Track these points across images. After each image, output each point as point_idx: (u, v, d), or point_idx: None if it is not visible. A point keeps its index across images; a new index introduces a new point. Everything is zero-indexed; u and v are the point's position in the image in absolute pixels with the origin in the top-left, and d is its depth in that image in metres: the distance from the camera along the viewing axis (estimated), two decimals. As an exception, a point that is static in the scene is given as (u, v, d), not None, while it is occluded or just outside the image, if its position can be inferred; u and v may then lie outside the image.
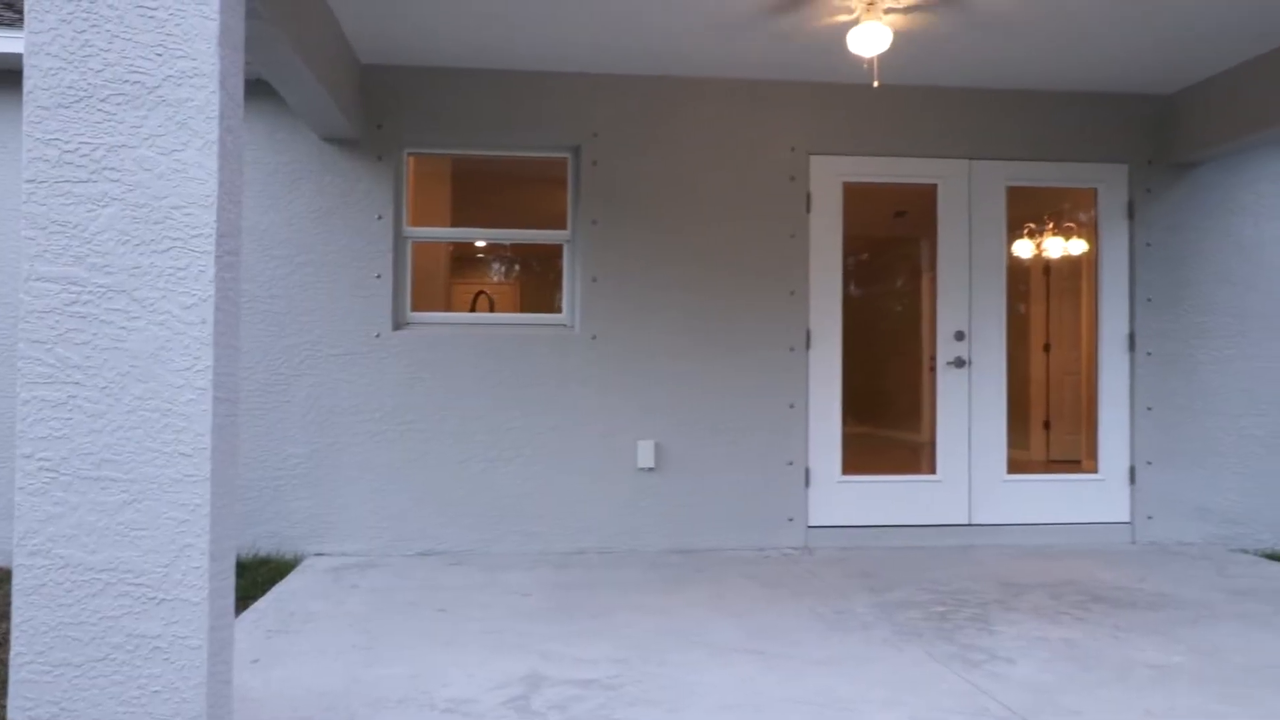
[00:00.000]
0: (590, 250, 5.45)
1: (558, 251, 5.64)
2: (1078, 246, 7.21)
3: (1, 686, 3.13)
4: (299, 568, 4.92)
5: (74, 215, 2.37)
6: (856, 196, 5.71)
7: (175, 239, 2.39)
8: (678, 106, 5.52)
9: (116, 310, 2.37)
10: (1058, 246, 7.44)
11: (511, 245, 9.78)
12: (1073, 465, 6.62)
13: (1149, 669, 3.38)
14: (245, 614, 4.00)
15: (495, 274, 10.90)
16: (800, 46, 4.95)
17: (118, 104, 2.38)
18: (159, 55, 2.39)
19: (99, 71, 2.38)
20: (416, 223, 5.62)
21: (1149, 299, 5.78)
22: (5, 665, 3.33)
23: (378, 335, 5.30)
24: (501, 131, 5.45)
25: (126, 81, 2.39)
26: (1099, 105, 5.76)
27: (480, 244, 9.83)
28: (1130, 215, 5.81)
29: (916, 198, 5.92)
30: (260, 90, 5.26)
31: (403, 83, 5.36)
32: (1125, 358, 5.81)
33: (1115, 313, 5.82)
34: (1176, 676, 3.30)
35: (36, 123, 2.36)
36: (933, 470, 5.73)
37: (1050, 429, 7.64)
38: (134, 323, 2.37)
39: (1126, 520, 5.75)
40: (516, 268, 10.74)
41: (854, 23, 4.39)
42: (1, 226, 5.27)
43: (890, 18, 4.39)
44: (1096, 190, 5.87)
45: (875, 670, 3.35)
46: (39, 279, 2.35)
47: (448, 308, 7.57)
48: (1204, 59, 5.18)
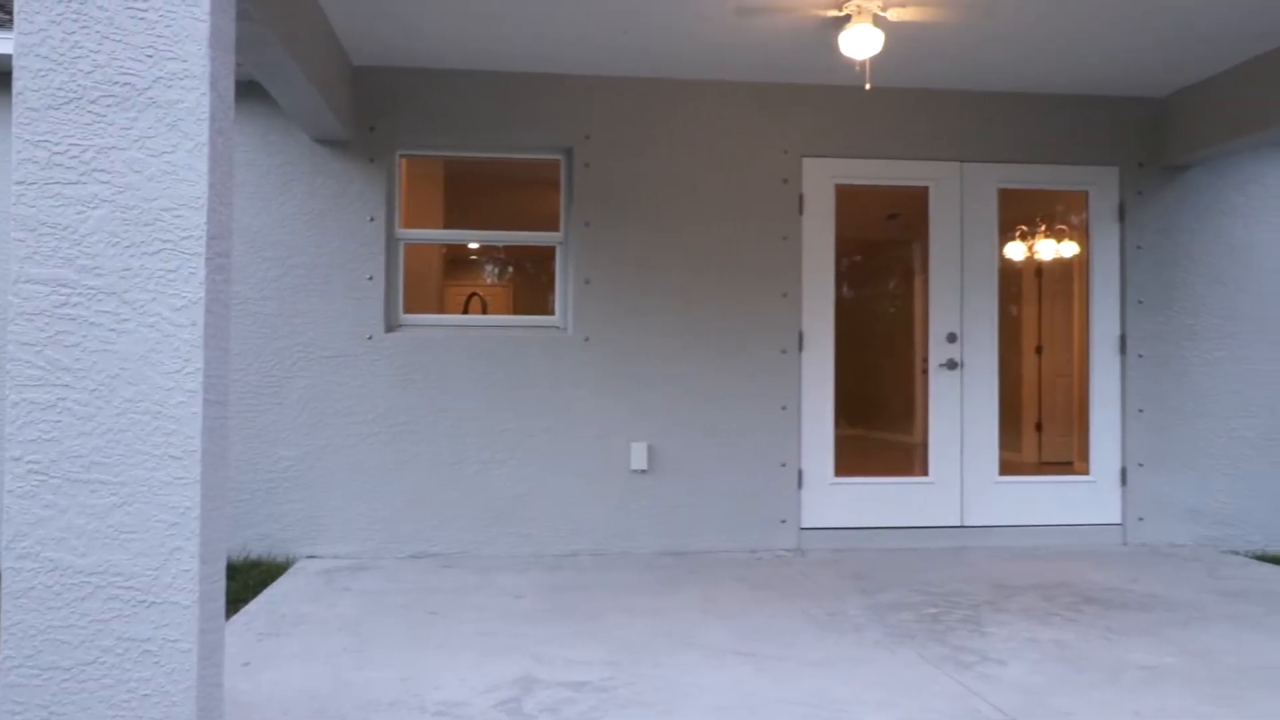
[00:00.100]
0: (583, 252, 5.45)
1: (551, 253, 5.63)
2: (1069, 249, 7.22)
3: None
4: (290, 570, 4.90)
5: (64, 217, 2.36)
6: (849, 198, 5.72)
7: (166, 241, 2.38)
8: (670, 109, 5.53)
9: (106, 312, 2.36)
10: (1049, 249, 7.46)
11: (504, 247, 9.77)
12: (1064, 467, 6.64)
13: (1140, 670, 3.39)
14: (236, 617, 3.99)
15: (488, 276, 10.89)
16: (793, 49, 4.96)
17: (108, 106, 2.38)
18: (149, 57, 2.39)
19: (89, 73, 2.37)
20: (409, 225, 5.61)
21: (1140, 301, 5.80)
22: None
23: (370, 337, 5.30)
24: (494, 133, 5.45)
25: (116, 83, 2.38)
26: (1090, 108, 5.78)
27: (473, 246, 9.82)
28: (1121, 218, 5.83)
29: (909, 200, 5.93)
30: (252, 92, 5.26)
31: (395, 84, 5.35)
32: (1116, 360, 5.83)
33: (1106, 315, 5.84)
34: (1167, 678, 3.31)
35: (26, 124, 2.35)
36: (925, 472, 5.74)
37: (1042, 431, 7.66)
38: (124, 325, 2.37)
39: (1118, 522, 5.77)
40: (510, 270, 10.73)
41: (846, 26, 4.40)
42: (-9, 228, 5.25)
43: (882, 21, 4.40)
44: (1088, 193, 5.89)
45: (868, 672, 3.35)
46: (28, 281, 2.34)
47: (441, 310, 7.56)
48: (1195, 62, 5.20)
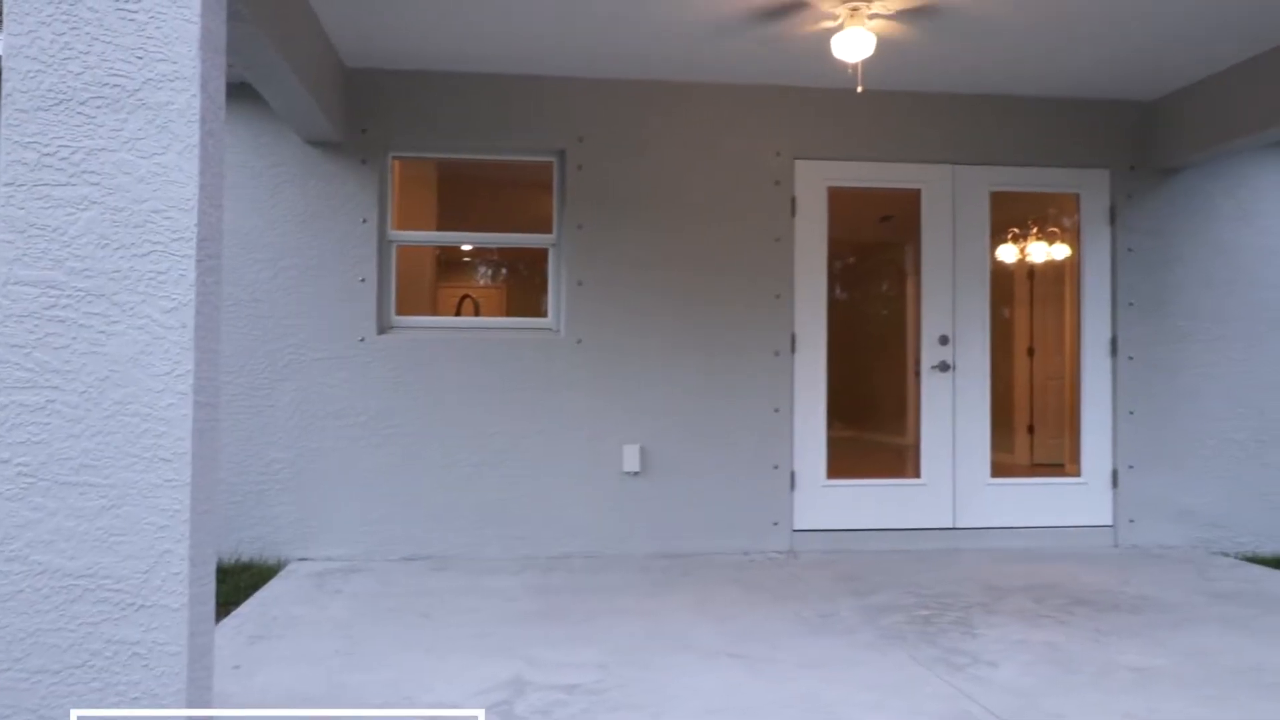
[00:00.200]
0: (575, 254, 5.45)
1: (543, 255, 5.63)
2: (1060, 251, 7.26)
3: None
4: (282, 573, 4.89)
5: (53, 219, 2.35)
6: (842, 201, 5.73)
7: (156, 243, 2.37)
8: (663, 111, 5.53)
9: (96, 314, 2.35)
10: (1041, 251, 7.49)
11: (497, 249, 9.76)
12: (1056, 469, 6.66)
13: (1131, 672, 3.40)
14: (227, 620, 3.97)
15: (481, 278, 10.88)
16: (785, 52, 4.97)
17: (97, 107, 2.37)
18: (139, 58, 2.38)
19: (79, 74, 2.37)
20: (401, 226, 5.60)
21: (1131, 303, 5.82)
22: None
23: (362, 339, 5.28)
24: (487, 135, 5.44)
25: (106, 85, 2.37)
26: (1081, 111, 5.80)
27: (466, 248, 9.81)
28: (1112, 220, 5.85)
29: (901, 202, 5.94)
30: (244, 93, 5.23)
31: (387, 86, 5.35)
32: (1107, 362, 5.85)
33: (1097, 317, 5.86)
34: (1158, 679, 3.32)
35: (15, 126, 2.35)
36: (917, 474, 5.75)
37: (1034, 433, 7.69)
38: (113, 327, 2.36)
39: (1109, 524, 5.79)
40: (503, 271, 10.72)
41: (838, 29, 4.41)
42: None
43: (874, 24, 4.41)
44: (1079, 195, 5.90)
45: (859, 674, 3.35)
46: (17, 283, 2.34)
47: (433, 312, 7.55)
48: (1184, 66, 5.22)
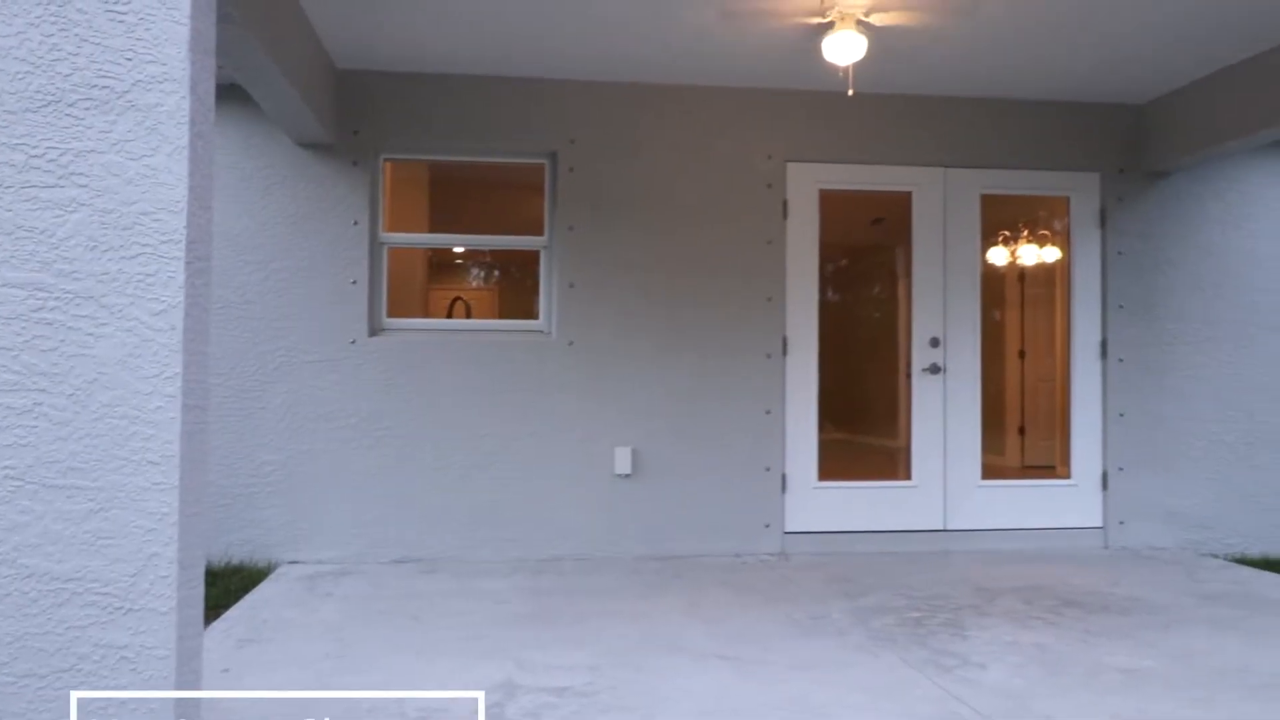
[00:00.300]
0: (567, 256, 5.45)
1: (535, 258, 5.63)
2: (1051, 254, 7.28)
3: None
4: (272, 576, 4.87)
5: (41, 220, 2.34)
6: (833, 203, 5.74)
7: (144, 245, 2.37)
8: (655, 113, 5.53)
9: (84, 317, 2.34)
10: (1031, 254, 7.51)
11: (489, 251, 9.75)
12: (1047, 471, 6.68)
13: (1119, 673, 3.41)
14: (216, 623, 3.96)
15: (473, 279, 10.86)
16: (777, 55, 4.98)
17: (86, 109, 2.36)
18: (128, 60, 2.37)
19: (67, 76, 2.36)
20: (393, 228, 5.59)
21: (1121, 306, 5.84)
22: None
23: (353, 341, 5.27)
24: (479, 137, 5.44)
25: (95, 86, 2.36)
26: (1071, 114, 5.82)
27: (457, 250, 9.80)
28: (1102, 223, 5.88)
29: (892, 205, 5.95)
30: (235, 95, 5.22)
31: (379, 88, 5.34)
32: (1097, 364, 5.87)
33: (1088, 319, 5.88)
34: (1147, 680, 3.34)
35: (3, 127, 2.33)
36: (908, 476, 5.76)
37: (1025, 435, 7.71)
38: (102, 329, 2.35)
39: (1099, 525, 5.81)
40: (495, 273, 10.71)
41: (829, 32, 4.42)
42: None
43: (865, 27, 4.42)
44: (1069, 198, 5.92)
45: (850, 676, 3.36)
46: (4, 285, 2.32)
47: (425, 313, 7.54)
48: (1175, 70, 5.25)
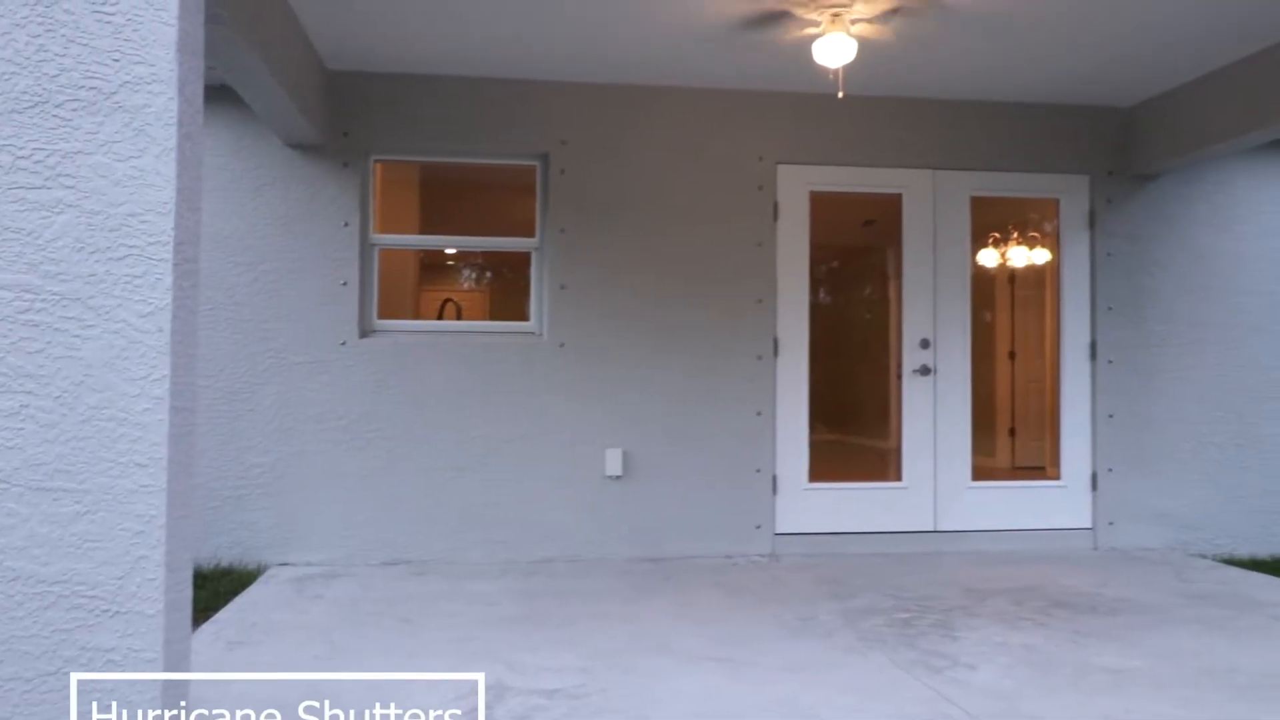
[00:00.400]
0: (558, 258, 5.45)
1: (526, 259, 5.62)
2: (1041, 256, 7.30)
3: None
4: (262, 578, 4.86)
5: (28, 222, 2.33)
6: (823, 205, 5.75)
7: (132, 246, 2.35)
8: (646, 115, 5.54)
9: (71, 318, 2.33)
10: (1021, 256, 7.54)
11: (480, 253, 9.74)
12: (1037, 472, 6.70)
13: (1108, 674, 3.42)
14: (206, 625, 3.94)
15: (464, 281, 10.85)
16: (767, 57, 4.98)
17: (73, 110, 2.35)
18: (116, 61, 2.36)
19: (54, 77, 2.34)
20: (383, 230, 5.58)
21: (1110, 308, 5.86)
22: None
23: (344, 343, 5.26)
24: (469, 139, 5.43)
25: (83, 87, 2.35)
26: (1060, 117, 5.84)
27: (449, 251, 9.78)
28: (1091, 225, 5.90)
29: (883, 207, 5.97)
30: (225, 96, 5.20)
31: (369, 89, 5.33)
32: (1087, 365, 5.89)
33: (1077, 321, 5.90)
34: (1135, 681, 3.35)
35: (-11, 128, 2.32)
36: (898, 477, 5.77)
37: (1015, 436, 7.73)
38: (89, 331, 2.34)
39: (1088, 526, 5.83)
40: (486, 275, 10.69)
41: (820, 34, 4.43)
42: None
43: (855, 29, 4.43)
44: (1058, 200, 5.95)
45: (840, 677, 3.36)
46: (-9, 286, 2.31)
47: (416, 315, 7.51)
48: (1164, 73, 5.27)
